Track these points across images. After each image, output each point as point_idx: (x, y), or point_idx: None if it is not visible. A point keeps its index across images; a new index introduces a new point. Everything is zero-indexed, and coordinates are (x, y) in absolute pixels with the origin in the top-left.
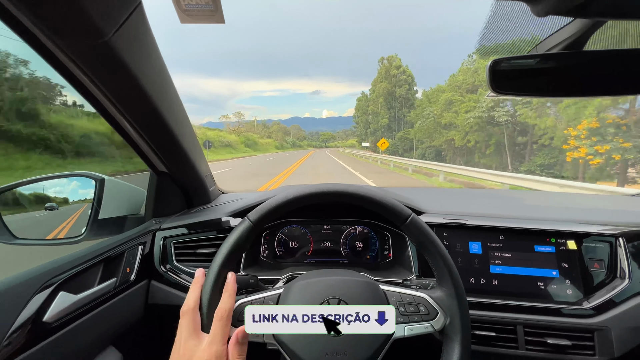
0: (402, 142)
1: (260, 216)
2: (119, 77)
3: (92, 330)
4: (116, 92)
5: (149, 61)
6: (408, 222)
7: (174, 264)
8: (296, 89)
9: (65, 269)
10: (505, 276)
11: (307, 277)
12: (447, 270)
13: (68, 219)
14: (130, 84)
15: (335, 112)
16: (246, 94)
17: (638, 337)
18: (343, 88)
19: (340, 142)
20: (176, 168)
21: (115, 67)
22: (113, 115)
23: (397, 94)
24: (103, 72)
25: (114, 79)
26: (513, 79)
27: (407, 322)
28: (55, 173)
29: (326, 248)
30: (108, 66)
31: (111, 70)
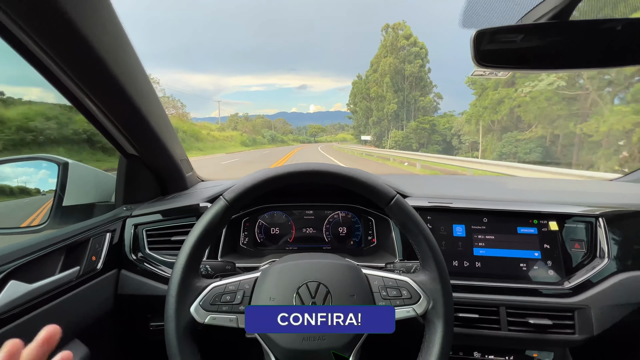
0: (417, 133)
1: (236, 195)
2: (72, 45)
3: (53, 322)
4: (70, 61)
5: (105, 28)
6: (392, 203)
7: (146, 252)
8: (282, 83)
9: (17, 257)
10: (489, 258)
11: (285, 260)
12: (431, 253)
13: (40, 209)
14: (85, 53)
15: (323, 107)
16: (232, 88)
17: (616, 315)
18: (330, 83)
19: (331, 137)
20: (146, 150)
21: (65, 33)
22: (70, 89)
23: (406, 72)
24: (52, 37)
25: (66, 46)
26: (498, 51)
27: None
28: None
29: (309, 234)
30: (57, 31)
31: (62, 36)
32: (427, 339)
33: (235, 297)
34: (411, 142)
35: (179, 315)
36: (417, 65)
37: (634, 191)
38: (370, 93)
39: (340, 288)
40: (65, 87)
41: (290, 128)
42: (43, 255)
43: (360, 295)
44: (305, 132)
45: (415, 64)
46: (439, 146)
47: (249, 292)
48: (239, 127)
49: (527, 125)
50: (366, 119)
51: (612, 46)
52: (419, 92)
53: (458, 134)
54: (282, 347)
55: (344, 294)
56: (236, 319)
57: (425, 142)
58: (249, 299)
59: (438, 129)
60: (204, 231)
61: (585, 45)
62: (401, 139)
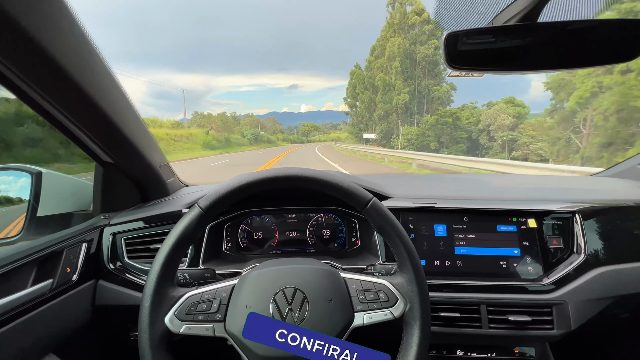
0: (436, 129)
1: (210, 203)
2: (27, 53)
3: (25, 337)
4: (28, 71)
5: (62, 33)
6: (369, 206)
7: (125, 261)
8: (273, 83)
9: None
10: (470, 257)
11: (263, 266)
12: (407, 256)
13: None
14: (43, 62)
15: (314, 106)
16: (222, 89)
17: (592, 309)
18: (321, 82)
19: (324, 136)
20: (122, 158)
21: (19, 41)
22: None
23: (418, 56)
24: (14, 52)
25: (22, 55)
26: (469, 53)
27: (366, 310)
28: None
29: (292, 238)
30: (16, 43)
31: (16, 45)
32: (405, 341)
33: (212, 306)
34: (428, 141)
35: (152, 326)
36: (431, 46)
37: (611, 186)
38: (376, 81)
39: (317, 293)
40: (31, 98)
41: (281, 127)
42: (13, 269)
43: (337, 300)
44: (297, 131)
45: (429, 45)
46: (463, 145)
47: (226, 300)
48: (205, 124)
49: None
50: (369, 113)
51: (578, 47)
52: (432, 80)
53: (487, 129)
54: (258, 355)
55: (321, 299)
56: (212, 327)
57: (447, 141)
58: (226, 307)
59: (461, 124)
60: (178, 240)
61: (552, 46)
62: (415, 137)
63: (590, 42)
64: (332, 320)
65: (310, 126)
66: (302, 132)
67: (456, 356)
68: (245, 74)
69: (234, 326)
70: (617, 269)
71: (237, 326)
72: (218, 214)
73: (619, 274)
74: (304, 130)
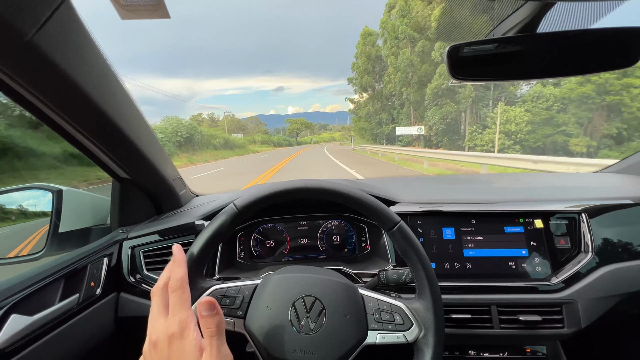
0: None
1: (247, 204)
2: (51, 80)
3: (55, 351)
4: (52, 96)
5: (84, 60)
6: (395, 229)
7: (144, 273)
8: (259, 86)
9: (17, 290)
10: (478, 259)
11: (287, 271)
12: (428, 282)
13: (31, 236)
14: (65, 87)
15: (301, 108)
16: (207, 93)
17: (601, 307)
18: (307, 84)
19: (316, 137)
20: (138, 173)
21: (43, 69)
22: (57, 122)
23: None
24: (32, 75)
25: (46, 81)
26: (472, 64)
27: (380, 330)
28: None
29: (303, 244)
30: (35, 68)
31: (40, 72)
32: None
33: (235, 302)
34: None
35: None
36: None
37: (616, 183)
38: (430, 25)
39: (335, 306)
40: (49, 117)
41: (265, 128)
42: (42, 286)
43: (353, 315)
44: (284, 131)
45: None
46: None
47: (248, 299)
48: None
49: None
50: (385, 102)
51: (577, 55)
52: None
53: None
54: (272, 356)
55: (338, 312)
56: (233, 322)
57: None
58: (247, 304)
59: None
60: (213, 235)
61: (552, 55)
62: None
63: (589, 50)
64: (346, 334)
65: (301, 123)
66: (289, 131)
67: (469, 356)
68: (230, 77)
69: (253, 324)
70: (625, 266)
71: (255, 325)
72: (248, 217)
73: (628, 271)
74: (293, 128)
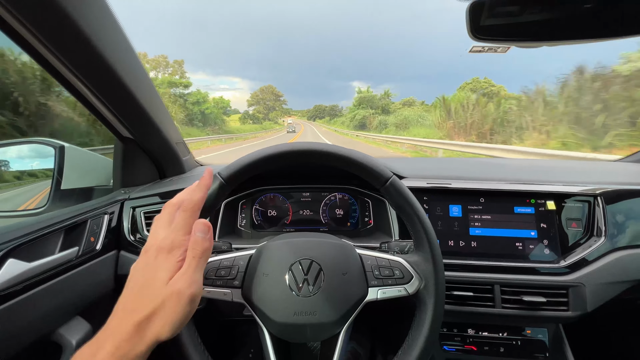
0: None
1: (231, 173)
2: (61, 28)
3: (53, 300)
4: (61, 44)
5: (97, 17)
6: (388, 184)
7: (144, 233)
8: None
9: (15, 237)
10: (485, 238)
11: (280, 239)
12: (425, 234)
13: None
14: (78, 41)
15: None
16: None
17: (610, 292)
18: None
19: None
20: (140, 133)
21: (55, 17)
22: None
23: None
24: (49, 30)
25: (61, 35)
26: (495, 24)
27: (380, 286)
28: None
29: (306, 216)
30: (47, 16)
31: (55, 26)
32: (418, 317)
33: (230, 273)
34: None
35: None
36: None
37: (637, 169)
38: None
39: (332, 266)
40: (59, 72)
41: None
42: (42, 235)
43: (352, 274)
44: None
45: None
46: None
47: (243, 268)
48: None
49: None
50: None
51: (615, 16)
52: None
53: None
54: (274, 321)
55: (337, 272)
56: (230, 293)
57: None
58: (243, 274)
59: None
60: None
61: (584, 16)
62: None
63: (628, 10)
64: (346, 293)
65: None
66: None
67: (467, 334)
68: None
69: (251, 292)
70: (638, 253)
71: (253, 292)
72: (236, 188)
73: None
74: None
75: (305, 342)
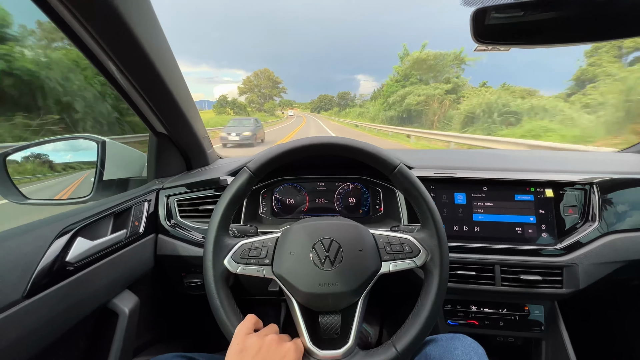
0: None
1: (258, 165)
2: (113, 27)
3: (108, 274)
4: (112, 42)
5: (141, 17)
6: (396, 171)
7: (178, 219)
8: None
9: (80, 219)
10: (487, 223)
11: (302, 222)
12: (430, 214)
13: (73, 183)
14: (126, 39)
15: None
16: None
17: (601, 271)
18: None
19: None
20: (174, 129)
21: (108, 16)
22: (109, 70)
23: None
24: (97, 21)
25: (108, 28)
26: (497, 27)
27: (392, 260)
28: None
29: (321, 204)
30: (101, 14)
31: (104, 19)
32: (426, 285)
33: (261, 252)
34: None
35: (215, 266)
36: None
37: (635, 160)
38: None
39: (350, 244)
40: (106, 69)
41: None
42: (99, 218)
43: (367, 250)
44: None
45: None
46: None
47: (272, 249)
48: None
49: None
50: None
51: (610, 19)
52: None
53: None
54: (302, 291)
55: (354, 249)
56: (262, 269)
57: None
58: (272, 254)
59: None
60: (232, 197)
61: (583, 19)
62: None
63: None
64: (362, 267)
65: None
66: None
67: (469, 310)
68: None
69: (281, 268)
70: (630, 236)
71: (283, 268)
72: (258, 181)
73: (632, 241)
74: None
75: (328, 310)
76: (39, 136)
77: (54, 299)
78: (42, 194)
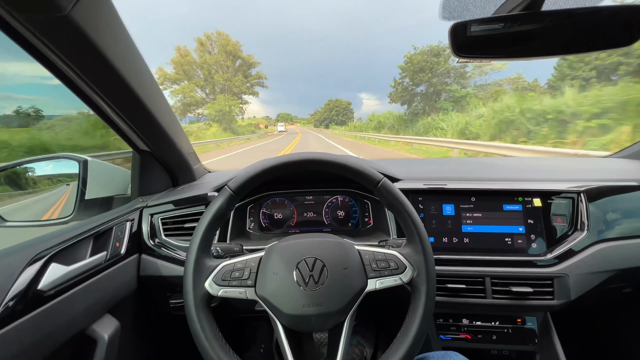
0: None
1: (239, 184)
2: (85, 53)
3: (87, 299)
4: (85, 68)
5: (113, 35)
6: (379, 186)
7: (162, 238)
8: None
9: (54, 244)
10: (476, 234)
11: (285, 240)
12: (415, 229)
13: (58, 201)
14: (97, 60)
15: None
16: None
17: (591, 281)
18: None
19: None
20: (156, 145)
21: (79, 42)
22: (86, 93)
23: None
24: (68, 48)
25: (81, 54)
26: (475, 42)
27: (378, 277)
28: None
29: (310, 218)
30: (72, 41)
31: (76, 45)
32: (413, 301)
33: (243, 274)
34: None
35: (195, 289)
36: None
37: (621, 167)
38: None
39: (334, 262)
40: (82, 91)
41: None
42: (76, 242)
43: (352, 268)
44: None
45: None
46: None
47: (255, 269)
48: None
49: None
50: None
51: (581, 33)
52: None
53: None
54: (285, 313)
55: (338, 267)
56: (245, 291)
57: None
58: (255, 274)
59: None
60: (213, 218)
61: (555, 33)
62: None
63: (592, 28)
64: (348, 285)
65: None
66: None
67: (461, 324)
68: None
69: (263, 290)
70: (619, 244)
71: (265, 290)
72: (245, 196)
73: (621, 249)
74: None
75: (314, 331)
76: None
77: (27, 328)
78: (23, 214)
